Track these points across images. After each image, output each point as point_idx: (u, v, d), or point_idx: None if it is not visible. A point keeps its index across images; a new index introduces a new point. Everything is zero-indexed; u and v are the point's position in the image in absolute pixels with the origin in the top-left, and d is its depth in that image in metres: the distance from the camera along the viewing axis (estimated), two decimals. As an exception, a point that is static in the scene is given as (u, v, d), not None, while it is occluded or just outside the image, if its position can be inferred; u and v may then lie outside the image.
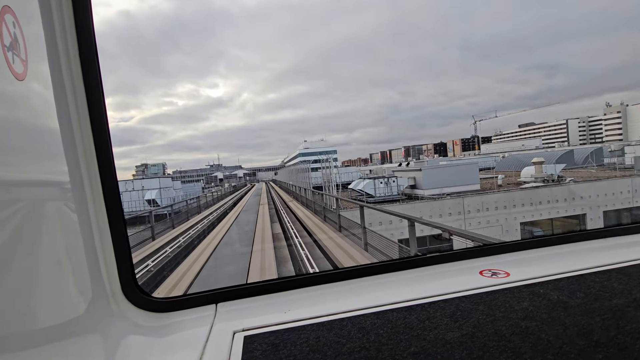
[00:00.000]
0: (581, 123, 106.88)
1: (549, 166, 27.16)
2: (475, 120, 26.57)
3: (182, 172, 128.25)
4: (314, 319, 0.92)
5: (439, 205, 19.93)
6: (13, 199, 0.59)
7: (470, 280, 1.08)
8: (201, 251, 8.72)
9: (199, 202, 18.24)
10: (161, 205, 18.65)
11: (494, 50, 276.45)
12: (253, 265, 6.96)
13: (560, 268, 1.10)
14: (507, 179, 29.50)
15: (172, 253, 8.18)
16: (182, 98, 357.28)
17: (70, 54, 0.82)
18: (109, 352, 0.79)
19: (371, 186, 25.38)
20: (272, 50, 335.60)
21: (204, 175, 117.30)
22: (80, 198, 0.83)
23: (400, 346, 0.77)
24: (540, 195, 21.33)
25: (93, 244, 0.85)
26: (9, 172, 0.58)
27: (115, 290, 0.92)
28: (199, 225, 12.49)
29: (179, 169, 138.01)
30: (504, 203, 20.63)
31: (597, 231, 1.38)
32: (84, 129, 0.85)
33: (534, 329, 0.79)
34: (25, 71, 0.63)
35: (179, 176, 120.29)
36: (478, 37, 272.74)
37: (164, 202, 22.51)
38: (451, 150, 53.23)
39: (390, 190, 25.35)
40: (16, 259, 0.58)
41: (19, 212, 0.59)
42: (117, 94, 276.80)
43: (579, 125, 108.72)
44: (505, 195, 21.73)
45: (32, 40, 0.67)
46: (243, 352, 0.79)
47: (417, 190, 25.56)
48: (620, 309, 0.85)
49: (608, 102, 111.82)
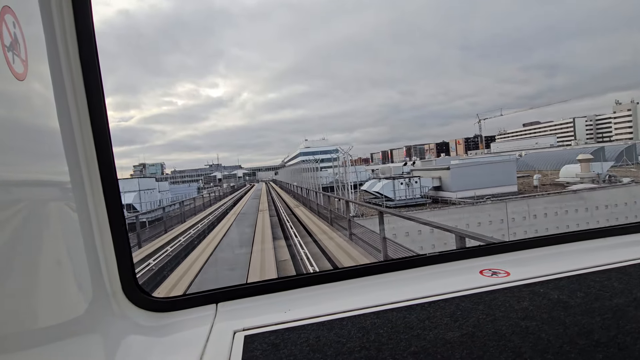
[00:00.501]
0: (588, 121, 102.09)
1: (595, 164, 23.40)
2: (480, 119, 24.29)
3: (180, 172, 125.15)
4: (314, 319, 0.92)
5: (478, 212, 16.02)
6: (13, 199, 0.60)
7: (470, 279, 1.08)
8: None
9: (182, 209, 14.52)
10: (140, 212, 15.10)
11: (494, 50, 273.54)
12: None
13: (561, 267, 1.11)
14: (544, 178, 25.69)
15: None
16: (182, 98, 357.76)
17: (70, 54, 0.82)
18: (109, 352, 0.79)
19: (390, 187, 21.61)
20: (272, 50, 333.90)
21: (202, 176, 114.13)
22: (80, 198, 0.83)
23: (401, 346, 0.77)
24: (598, 198, 17.41)
25: (93, 243, 0.86)
26: (9, 172, 0.59)
27: (115, 290, 0.92)
28: (174, 242, 8.84)
29: (176, 169, 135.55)
30: (557, 209, 16.69)
31: (597, 230, 1.40)
32: (84, 128, 0.85)
33: (534, 328, 0.80)
34: (25, 71, 0.63)
35: (177, 176, 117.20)
36: (478, 36, 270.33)
37: (145, 207, 18.81)
38: (454, 150, 50.36)
39: (412, 193, 21.57)
40: (16, 259, 0.58)
41: (19, 212, 0.60)
42: (116, 94, 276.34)
43: (586, 123, 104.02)
44: (555, 198, 17.78)
45: (32, 41, 0.68)
46: (243, 351, 0.79)
47: (443, 192, 21.76)
48: (621, 309, 0.85)
49: (618, 100, 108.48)
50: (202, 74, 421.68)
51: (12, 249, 0.57)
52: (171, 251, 8.28)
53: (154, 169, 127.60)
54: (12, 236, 0.57)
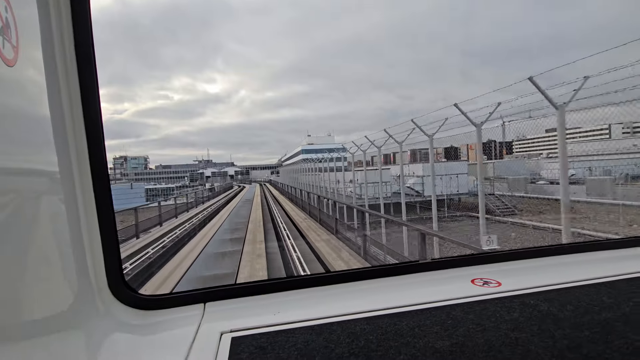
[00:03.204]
0: (625, 128, 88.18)
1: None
2: (504, 121, 18.32)
3: (165, 168, 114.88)
4: (304, 322, 0.92)
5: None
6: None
7: (462, 288, 1.08)
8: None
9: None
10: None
11: (496, 57, 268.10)
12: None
13: (551, 279, 1.12)
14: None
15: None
16: (177, 92, 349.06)
17: (65, 40, 0.81)
18: (93, 349, 0.79)
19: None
20: (272, 47, 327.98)
21: (188, 172, 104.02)
22: (69, 189, 0.82)
23: (390, 353, 0.77)
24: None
25: (81, 237, 0.85)
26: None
27: (101, 286, 0.91)
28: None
29: (162, 164, 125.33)
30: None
31: (588, 244, 1.43)
32: (76, 119, 0.84)
33: (524, 340, 0.80)
34: (15, 57, 0.63)
35: (161, 172, 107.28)
36: (480, 43, 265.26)
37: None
38: (465, 156, 42.66)
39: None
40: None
41: (3, 203, 0.59)
42: (110, 86, 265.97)
43: (623, 130, 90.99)
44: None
45: (25, 25, 0.67)
46: (230, 353, 0.79)
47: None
48: (609, 323, 0.86)
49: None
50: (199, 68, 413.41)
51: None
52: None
53: (136, 162, 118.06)
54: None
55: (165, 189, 49.50)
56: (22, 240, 0.62)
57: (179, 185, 64.43)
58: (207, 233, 12.15)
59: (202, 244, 10.12)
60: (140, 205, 12.51)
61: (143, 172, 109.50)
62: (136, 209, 10.66)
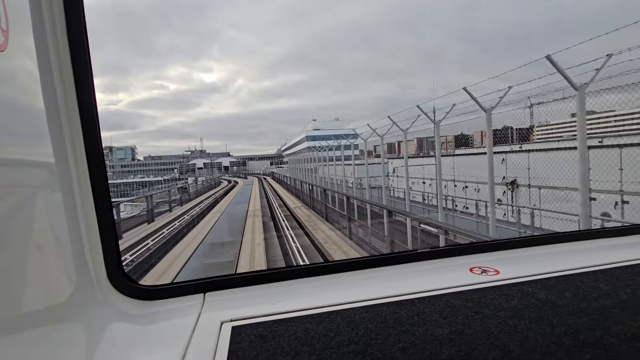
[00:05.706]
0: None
1: None
2: (532, 103, 15.97)
3: (154, 159, 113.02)
4: (303, 311, 0.94)
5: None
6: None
7: (460, 276, 1.11)
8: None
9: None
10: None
11: (497, 44, 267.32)
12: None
13: (549, 267, 1.15)
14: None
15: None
16: (173, 82, 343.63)
17: (57, 25, 0.80)
18: (93, 340, 0.80)
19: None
20: (270, 34, 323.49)
21: (178, 163, 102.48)
22: (65, 180, 0.83)
23: (389, 341, 0.79)
24: None
25: (78, 228, 0.86)
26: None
27: (100, 277, 0.92)
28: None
29: (151, 155, 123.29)
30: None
31: (586, 232, 1.50)
32: (70, 108, 0.83)
33: (522, 327, 0.82)
34: (5, 42, 0.61)
35: (150, 163, 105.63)
36: (481, 29, 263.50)
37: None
38: (478, 143, 39.09)
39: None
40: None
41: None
42: (103, 75, 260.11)
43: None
44: None
45: (15, 9, 0.66)
46: (230, 342, 0.81)
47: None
48: (607, 310, 0.89)
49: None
50: (195, 56, 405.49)
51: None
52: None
53: (122, 153, 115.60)
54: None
55: (148, 182, 46.65)
56: (19, 233, 0.63)
57: (166, 178, 62.82)
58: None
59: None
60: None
61: (130, 163, 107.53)
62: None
